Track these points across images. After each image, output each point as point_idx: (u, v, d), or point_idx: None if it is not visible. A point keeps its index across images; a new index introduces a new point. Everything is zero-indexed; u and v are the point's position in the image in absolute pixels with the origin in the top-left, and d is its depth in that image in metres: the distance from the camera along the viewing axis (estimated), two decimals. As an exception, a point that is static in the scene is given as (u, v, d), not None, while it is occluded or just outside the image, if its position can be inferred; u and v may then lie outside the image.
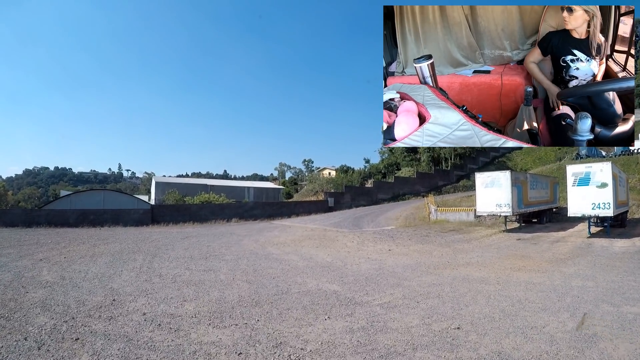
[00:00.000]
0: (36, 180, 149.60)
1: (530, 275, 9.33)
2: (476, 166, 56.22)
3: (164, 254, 13.11)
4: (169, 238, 18.49)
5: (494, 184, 19.18)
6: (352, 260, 11.51)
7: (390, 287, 8.02)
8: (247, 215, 31.92)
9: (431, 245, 14.80)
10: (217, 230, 22.69)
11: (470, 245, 15.08)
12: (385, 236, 17.91)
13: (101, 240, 18.05)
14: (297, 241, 16.49)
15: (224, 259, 11.81)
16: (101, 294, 7.80)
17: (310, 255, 12.64)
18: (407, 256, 12.31)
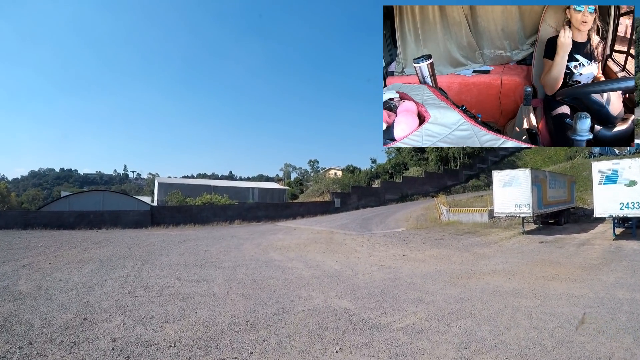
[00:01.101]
0: (41, 182, 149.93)
1: (568, 286, 8.11)
2: (485, 165, 54.95)
3: (157, 260, 12.01)
4: (166, 241, 17.41)
5: (512, 183, 17.84)
6: (363, 268, 10.30)
7: (411, 303, 6.80)
8: (251, 217, 30.81)
9: (448, 250, 13.54)
10: (218, 233, 21.59)
11: (491, 249, 13.80)
12: (397, 239, 16.66)
13: (95, 243, 17.04)
14: (301, 245, 15.30)
15: (220, 267, 10.66)
16: (74, 309, 6.72)
17: (317, 261, 11.44)
18: (424, 263, 11.07)
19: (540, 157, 52.19)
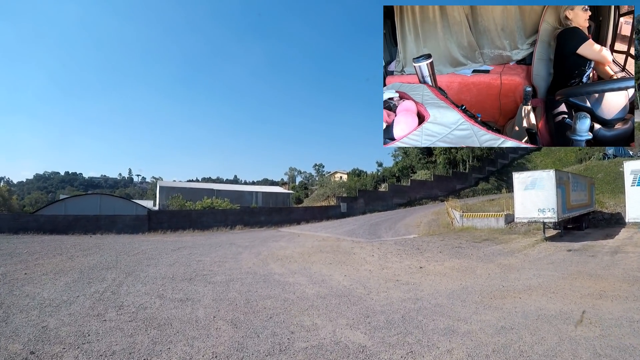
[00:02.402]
0: (46, 185, 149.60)
1: (622, 307, 6.76)
2: (495, 168, 53.63)
3: (142, 271, 10.71)
4: (159, 249, 16.14)
5: (535, 185, 16.33)
6: (377, 285, 8.88)
7: (442, 335, 5.40)
8: (253, 222, 29.47)
9: (469, 261, 12.10)
10: (217, 240, 20.28)
11: (516, 259, 12.34)
12: (410, 247, 15.22)
13: (83, 250, 15.82)
14: (305, 255, 13.92)
15: (212, 281, 9.32)
16: (25, 337, 5.48)
17: (322, 275, 10.03)
18: (445, 277, 9.66)
19: (550, 159, 50.44)
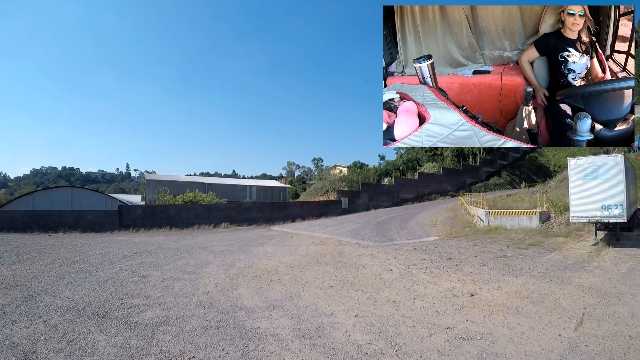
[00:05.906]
0: (43, 180, 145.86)
1: None
2: (506, 162, 50.39)
3: (49, 295, 6.99)
4: (109, 255, 12.38)
5: (598, 175, 12.47)
6: (415, 341, 5.00)
7: None
8: (242, 219, 25.65)
9: (533, 280, 8.27)
10: (190, 242, 16.46)
11: (596, 277, 8.54)
12: (438, 256, 11.37)
13: (17, 256, 12.14)
14: (296, 268, 10.08)
15: (132, 323, 5.53)
16: None
17: (318, 316, 6.06)
18: (521, 316, 5.85)
19: (564, 153, 46.60)
